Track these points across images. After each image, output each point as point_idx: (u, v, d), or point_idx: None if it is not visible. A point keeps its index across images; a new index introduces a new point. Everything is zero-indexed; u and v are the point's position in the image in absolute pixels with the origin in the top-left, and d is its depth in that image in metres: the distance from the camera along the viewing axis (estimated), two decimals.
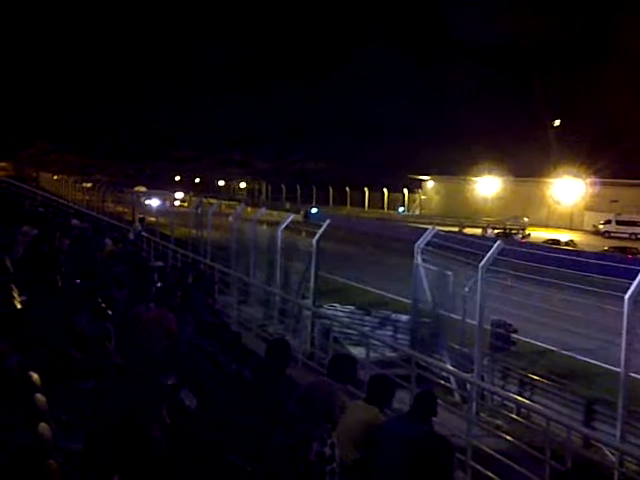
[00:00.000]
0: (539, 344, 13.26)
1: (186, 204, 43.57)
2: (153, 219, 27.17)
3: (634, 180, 55.18)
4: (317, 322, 12.28)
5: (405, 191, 71.61)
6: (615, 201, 56.33)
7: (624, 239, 48.49)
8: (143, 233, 20.13)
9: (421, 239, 11.92)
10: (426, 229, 12.50)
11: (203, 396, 5.20)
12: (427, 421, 5.46)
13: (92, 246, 13.08)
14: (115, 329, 6.20)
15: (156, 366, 5.85)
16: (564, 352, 12.93)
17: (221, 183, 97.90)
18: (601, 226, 53.94)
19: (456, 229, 42.16)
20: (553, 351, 13.16)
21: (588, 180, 59.30)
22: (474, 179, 66.52)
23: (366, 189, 72.29)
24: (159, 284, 9.96)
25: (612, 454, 7.64)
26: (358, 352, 10.26)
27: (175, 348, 7.07)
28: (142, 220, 22.67)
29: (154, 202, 33.35)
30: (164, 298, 8.53)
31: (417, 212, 70.75)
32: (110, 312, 7.23)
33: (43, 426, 3.61)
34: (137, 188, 58.86)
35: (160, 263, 14.83)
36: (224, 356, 7.48)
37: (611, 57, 69.48)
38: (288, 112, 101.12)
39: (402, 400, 7.02)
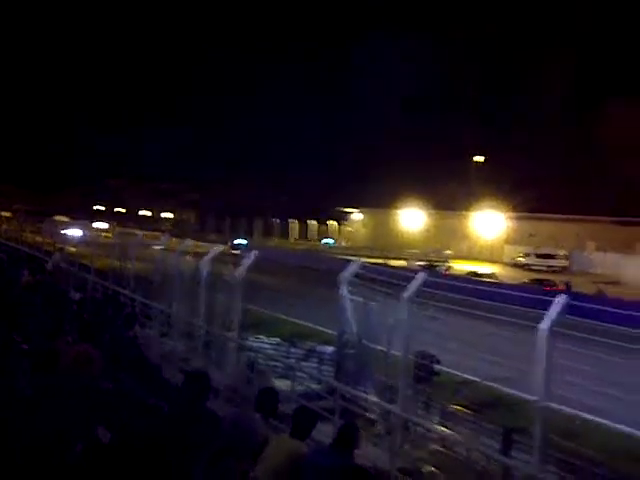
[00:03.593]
0: (461, 375, 13.47)
1: (110, 234, 42.57)
2: (74, 249, 26.35)
3: (550, 215, 57.64)
4: (242, 354, 12.12)
5: (332, 223, 72.28)
6: (533, 235, 58.52)
7: (542, 272, 50.26)
8: (62, 264, 19.50)
9: (347, 270, 11.99)
10: (352, 261, 12.59)
11: (119, 431, 5.03)
12: (349, 453, 5.46)
13: (8, 277, 12.60)
14: (31, 364, 5.96)
15: (74, 401, 5.62)
16: (485, 382, 13.17)
17: (147, 213, 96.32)
18: (520, 259, 55.78)
19: (381, 261, 42.76)
20: (474, 381, 13.39)
21: (507, 214, 61.50)
22: (399, 212, 67.85)
23: (295, 220, 72.61)
24: (79, 317, 9.66)
25: None
26: (284, 385, 10.18)
27: (95, 383, 6.84)
28: (61, 250, 21.98)
29: (75, 232, 32.40)
30: (84, 331, 8.27)
31: (344, 244, 71.43)
32: (26, 346, 6.94)
33: None
34: (58, 217, 57.20)
35: (79, 295, 14.39)
36: (143, 390, 7.28)
37: (531, 97, 72.70)
38: (217, 142, 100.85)
39: (326, 433, 6.98)
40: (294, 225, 73.39)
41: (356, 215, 74.83)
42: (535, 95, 71.16)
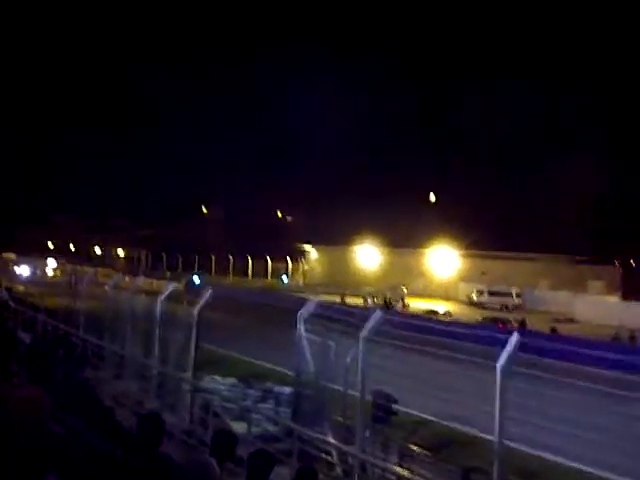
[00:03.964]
0: (418, 414, 13.45)
1: (59, 272, 41.69)
2: (22, 288, 25.72)
3: (503, 252, 58.73)
4: (197, 396, 11.89)
5: (288, 260, 72.21)
6: (484, 273, 59.42)
7: (496, 309, 50.92)
8: (10, 303, 18.98)
9: (303, 309, 11.94)
10: (309, 299, 12.56)
11: (70, 477, 4.84)
12: None
13: None
14: None
15: (21, 449, 5.39)
16: (442, 422, 13.17)
17: (98, 250, 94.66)
18: (474, 296, 56.49)
19: (338, 299, 42.78)
20: (432, 420, 13.39)
21: (461, 252, 62.43)
22: (355, 249, 68.25)
23: (249, 258, 72.31)
24: (28, 358, 9.35)
25: None
26: (240, 427, 10.00)
27: (44, 427, 6.58)
28: (10, 289, 21.43)
29: (24, 270, 31.64)
30: (33, 373, 7.99)
31: (300, 281, 71.33)
32: None
33: None
34: (5, 255, 55.82)
35: (28, 335, 13.96)
36: (95, 434, 7.05)
37: (482, 140, 74.53)
38: (167, 176, 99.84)
39: (284, 476, 6.85)
40: (250, 262, 73.04)
41: (313, 252, 75.00)
42: (487, 129, 73.04)
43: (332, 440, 10.29)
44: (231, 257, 72.45)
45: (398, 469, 10.35)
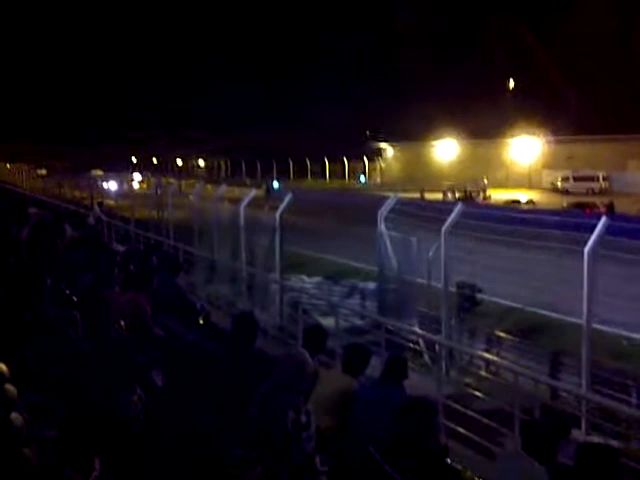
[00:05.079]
0: (504, 302, 13.50)
1: (145, 185, 43.01)
2: (112, 202, 26.76)
3: (588, 136, 56.14)
4: (285, 295, 12.32)
5: (365, 160, 71.66)
6: (571, 157, 57.25)
7: (582, 195, 49.40)
8: (102, 217, 19.85)
9: (383, 207, 11.98)
10: (388, 197, 12.56)
11: (173, 374, 5.22)
12: (399, 384, 5.57)
13: (52, 233, 12.88)
14: (81, 315, 6.15)
15: (128, 349, 5.82)
16: (528, 309, 13.19)
17: (179, 162, 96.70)
18: (559, 183, 54.83)
19: (417, 195, 42.49)
20: (518, 308, 13.42)
21: (544, 138, 60.13)
22: (432, 143, 66.91)
23: (326, 160, 72.17)
24: (124, 267, 9.88)
25: (579, 403, 7.88)
26: (327, 322, 10.34)
27: (146, 330, 7.05)
28: (101, 204, 22.36)
29: (112, 185, 32.82)
30: (132, 281, 8.48)
31: (378, 180, 70.98)
32: (75, 298, 7.15)
33: (15, 416, 3.59)
34: (94, 172, 57.86)
35: (122, 247, 14.67)
36: (194, 335, 7.50)
37: (564, 13, 69.99)
38: (244, 87, 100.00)
39: (373, 365, 7.12)
40: (327, 165, 72.93)
41: (389, 150, 73.97)
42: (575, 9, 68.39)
43: (418, 330, 10.53)
44: (308, 161, 72.48)
45: (486, 355, 10.57)
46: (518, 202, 43.17)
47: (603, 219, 8.42)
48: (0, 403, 3.72)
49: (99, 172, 59.30)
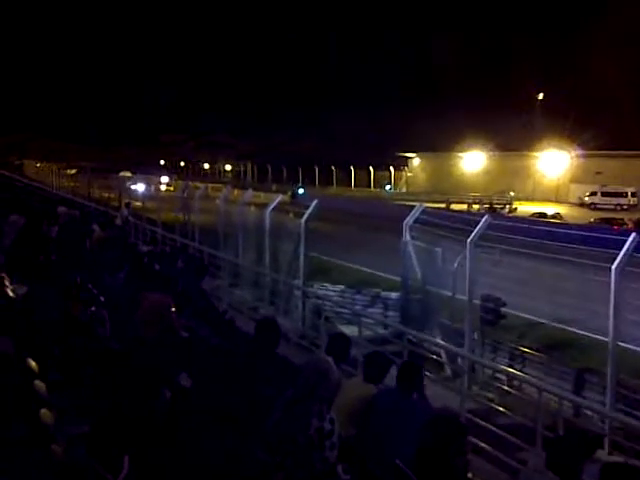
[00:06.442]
0: (528, 317, 13.40)
1: (172, 188, 43.38)
2: (139, 204, 27.03)
3: (617, 151, 55.47)
4: (308, 302, 12.34)
5: (391, 169, 71.52)
6: (599, 173, 56.59)
7: (609, 210, 48.83)
8: (130, 218, 20.07)
9: (409, 216, 11.96)
10: (413, 206, 12.54)
11: (199, 376, 5.26)
12: (420, 393, 5.56)
13: (80, 233, 13.06)
14: (109, 315, 6.24)
15: (155, 350, 5.89)
16: (553, 324, 13.08)
17: (206, 166, 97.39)
18: (586, 198, 54.24)
19: (443, 205, 42.31)
20: (542, 323, 13.31)
21: (572, 152, 59.54)
22: (459, 154, 66.59)
23: (352, 168, 72.14)
24: (153, 269, 9.99)
25: (602, 422, 7.80)
26: (350, 331, 10.34)
27: (173, 332, 7.11)
28: (129, 205, 22.59)
29: (140, 187, 33.17)
30: (159, 283, 8.55)
31: (404, 190, 70.78)
32: (102, 298, 7.24)
33: (44, 412, 3.65)
34: (122, 173, 58.42)
35: (149, 248, 14.81)
36: (218, 339, 7.55)
37: (594, 27, 69.43)
38: (270, 91, 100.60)
39: (394, 376, 7.11)
40: (353, 172, 72.91)
41: (416, 160, 73.76)
42: (601, 21, 67.78)
43: (441, 342, 10.49)
44: (334, 168, 72.54)
45: (509, 370, 10.48)
46: (544, 215, 42.77)
47: (632, 236, 8.33)
48: (30, 400, 3.79)
49: (128, 174, 59.91)
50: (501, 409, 8.33)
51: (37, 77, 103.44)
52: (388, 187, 71.08)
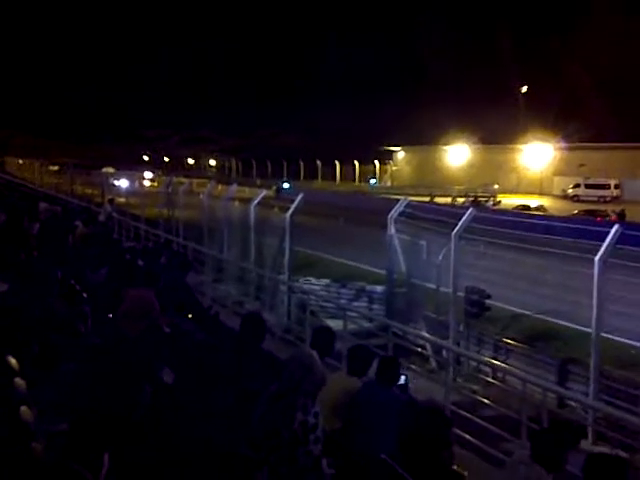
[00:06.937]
0: (512, 309, 13.47)
1: (156, 184, 43.14)
2: (123, 200, 26.85)
3: (601, 144, 55.86)
4: (293, 296, 12.32)
5: (376, 163, 71.55)
6: (583, 165, 56.98)
7: (593, 202, 49.17)
8: (114, 214, 19.91)
9: (393, 210, 11.97)
10: (398, 200, 12.55)
11: (181, 372, 5.21)
12: (397, 386, 5.57)
13: (63, 229, 12.93)
14: (91, 311, 6.17)
15: (137, 346, 5.83)
16: (537, 315, 13.15)
17: (190, 161, 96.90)
18: (570, 190, 54.60)
19: (427, 199, 42.39)
20: (526, 315, 13.38)
21: (556, 145, 59.87)
22: (444, 148, 66.76)
23: (337, 162, 72.11)
24: (136, 264, 9.91)
25: (586, 412, 7.85)
26: (335, 324, 10.33)
27: (156, 328, 7.05)
28: (112, 201, 22.40)
29: (123, 183, 32.96)
30: (142, 279, 8.48)
31: (388, 183, 70.88)
32: (85, 294, 7.16)
33: (24, 410, 3.60)
34: (105, 169, 57.97)
35: (133, 244, 14.72)
36: (202, 334, 7.50)
37: (578, 20, 69.75)
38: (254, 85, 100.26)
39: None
40: (338, 167, 72.87)
41: (400, 153, 73.84)
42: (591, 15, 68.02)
43: (426, 334, 10.51)
44: (319, 162, 72.45)
45: (493, 362, 10.53)
46: (528, 208, 42.97)
47: (615, 227, 8.38)
48: (9, 397, 3.74)
49: (111, 169, 59.46)
50: (486, 401, 8.35)
51: (18, 74, 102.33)
52: (373, 181, 71.14)
